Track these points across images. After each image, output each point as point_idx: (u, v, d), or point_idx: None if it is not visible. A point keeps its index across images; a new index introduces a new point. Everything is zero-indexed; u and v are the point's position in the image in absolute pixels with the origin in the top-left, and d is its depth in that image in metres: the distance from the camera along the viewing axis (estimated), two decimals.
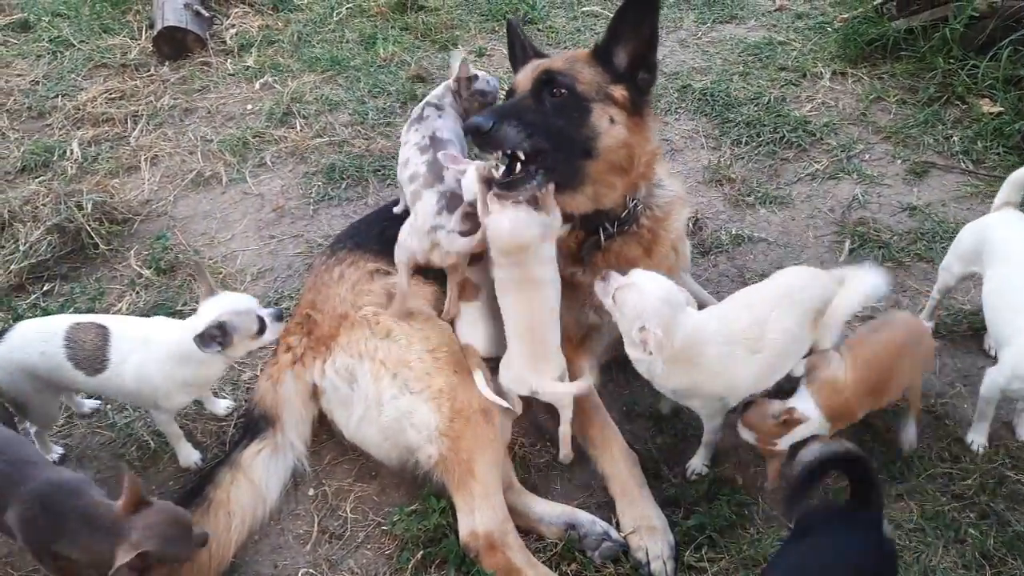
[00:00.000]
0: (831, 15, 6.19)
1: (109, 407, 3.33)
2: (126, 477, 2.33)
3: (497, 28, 6.24)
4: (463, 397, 2.81)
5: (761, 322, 2.70)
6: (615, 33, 2.90)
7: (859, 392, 2.72)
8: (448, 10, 6.52)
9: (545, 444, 3.17)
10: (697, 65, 5.75)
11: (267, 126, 5.19)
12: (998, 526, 2.74)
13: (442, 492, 2.82)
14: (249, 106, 5.43)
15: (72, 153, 4.83)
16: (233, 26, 6.36)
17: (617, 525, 2.80)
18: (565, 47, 6.03)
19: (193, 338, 2.66)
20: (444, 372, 2.86)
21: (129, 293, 3.91)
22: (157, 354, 2.80)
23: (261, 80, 5.67)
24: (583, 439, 3.05)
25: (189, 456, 3.09)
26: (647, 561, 2.66)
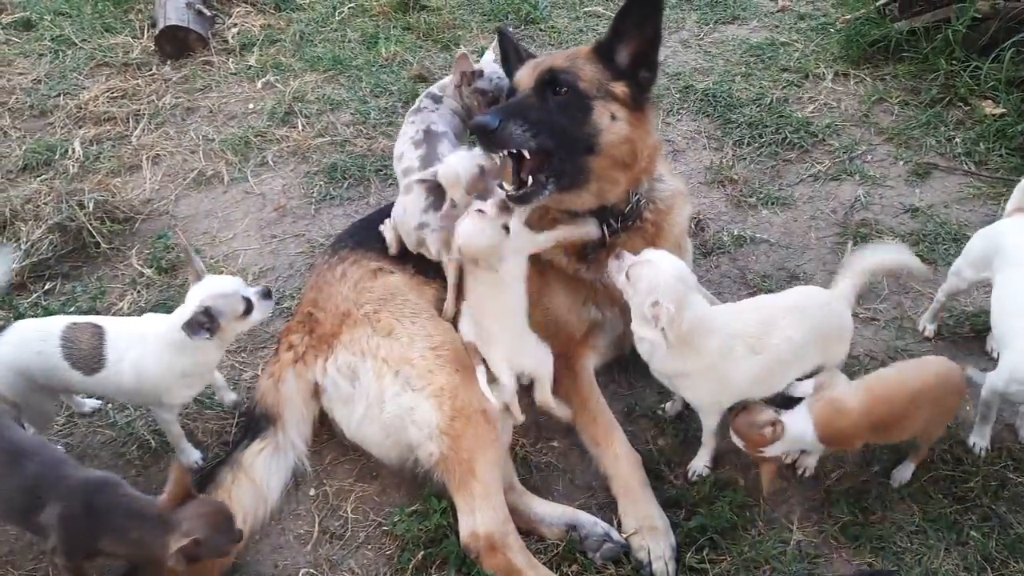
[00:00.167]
0: (833, 16, 6.18)
1: (110, 406, 3.33)
2: (174, 469, 2.36)
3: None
4: (464, 396, 2.81)
5: (768, 326, 2.72)
6: (618, 31, 2.90)
7: (862, 423, 2.65)
8: (450, 10, 6.51)
9: (546, 444, 3.18)
10: (699, 66, 5.75)
11: (269, 125, 5.18)
12: (1000, 528, 2.74)
13: (443, 492, 2.82)
14: (251, 105, 5.42)
15: (74, 152, 4.83)
16: (235, 25, 6.35)
17: (619, 525, 2.80)
18: (567, 47, 6.02)
19: (180, 327, 2.65)
20: (446, 370, 2.86)
21: (130, 292, 3.91)
22: (153, 348, 2.79)
23: (263, 79, 5.67)
24: (585, 438, 3.06)
25: (190, 456, 3.09)
26: (649, 561, 2.66)
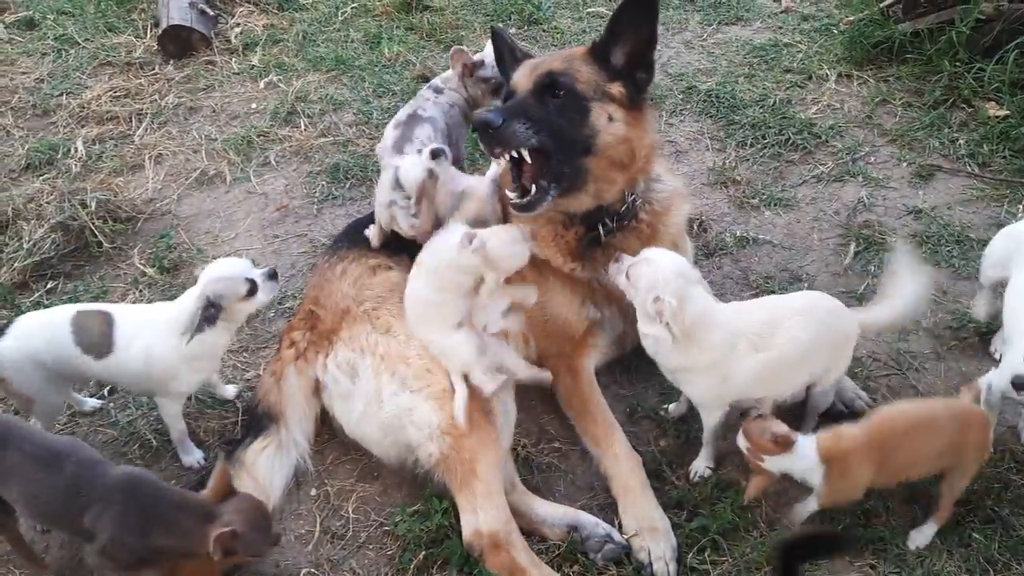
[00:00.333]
0: (837, 17, 6.17)
1: (112, 405, 3.33)
2: (218, 465, 2.40)
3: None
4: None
5: (773, 325, 2.69)
6: (614, 32, 2.90)
7: (860, 453, 2.54)
8: (453, 10, 6.52)
9: (548, 445, 3.17)
10: (702, 67, 5.74)
11: (271, 125, 5.19)
12: (1003, 531, 2.73)
13: (444, 492, 2.81)
14: (253, 105, 5.42)
15: (76, 151, 4.83)
16: (238, 25, 6.36)
17: (620, 526, 2.79)
18: (570, 48, 6.02)
19: (195, 330, 2.71)
20: (445, 371, 2.86)
21: (132, 292, 3.91)
22: (162, 332, 2.81)
23: (266, 79, 5.67)
24: (586, 439, 3.06)
25: (192, 455, 3.09)
26: (650, 562, 2.65)
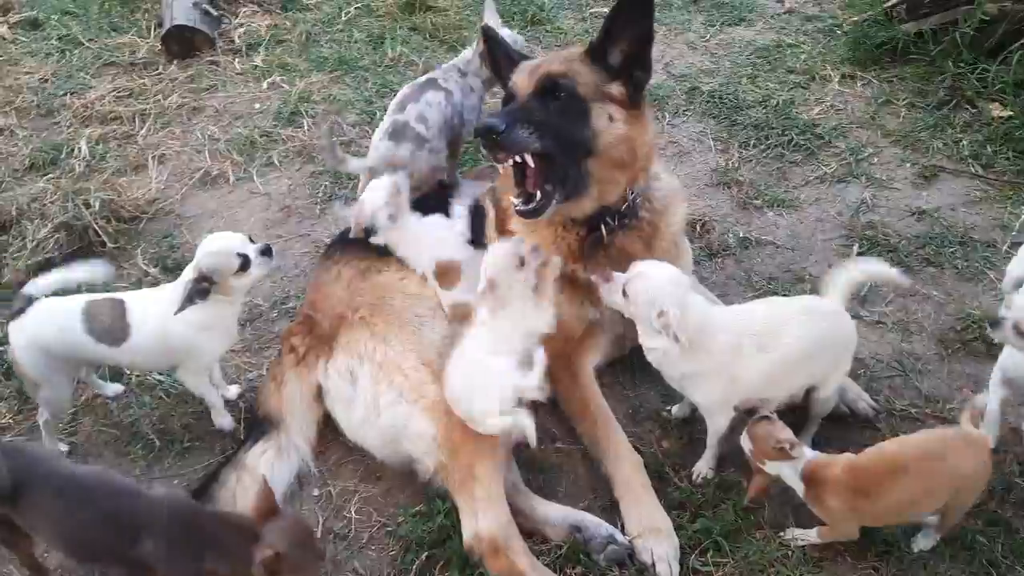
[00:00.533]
0: (840, 18, 6.17)
1: (114, 404, 3.33)
2: (261, 486, 2.40)
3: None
4: None
5: (777, 325, 2.72)
6: (610, 32, 2.90)
7: (835, 488, 2.50)
8: (456, 10, 6.51)
9: (550, 446, 3.16)
10: (705, 67, 5.74)
11: (275, 125, 5.19)
12: (1006, 533, 2.72)
13: (446, 493, 2.81)
14: (257, 105, 5.43)
15: (80, 151, 4.83)
16: (241, 25, 6.35)
17: (622, 527, 2.79)
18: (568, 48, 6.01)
19: (182, 301, 2.78)
20: (441, 382, 2.81)
21: None
22: (171, 308, 2.84)
23: (269, 79, 5.67)
24: (587, 440, 3.06)
25: (224, 418, 3.19)
26: (652, 563, 2.65)
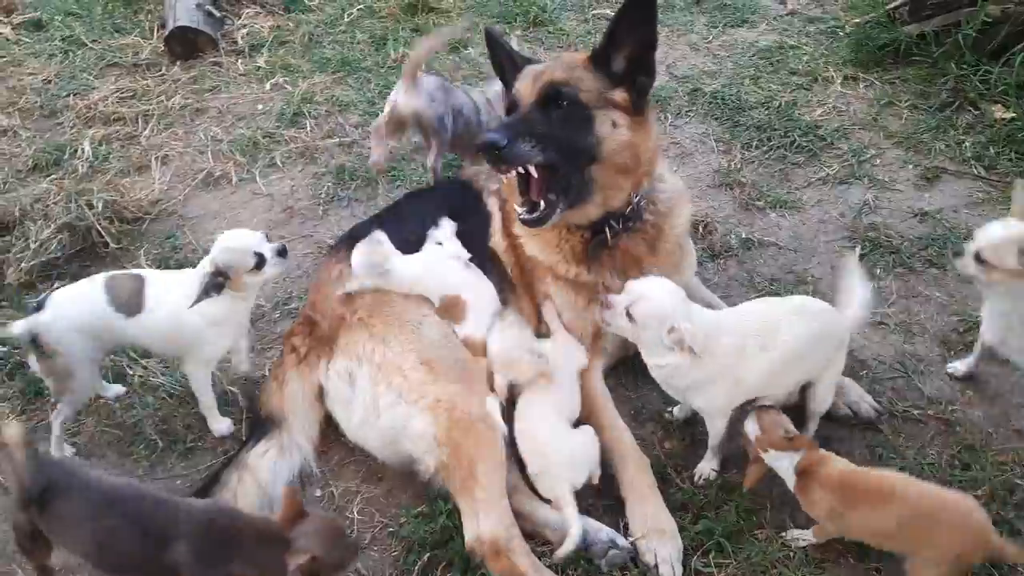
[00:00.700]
0: (843, 20, 6.17)
1: (117, 405, 3.34)
2: (286, 490, 2.43)
3: (507, 30, 6.23)
4: (462, 407, 2.79)
5: (774, 324, 2.76)
6: (614, 37, 2.89)
7: (824, 489, 2.53)
8: (459, 12, 6.53)
9: None
10: (708, 69, 5.74)
11: (277, 126, 5.20)
12: (1008, 535, 2.70)
13: (448, 495, 2.81)
14: (260, 106, 5.44)
15: (83, 152, 4.85)
16: (244, 26, 6.38)
17: (625, 529, 2.79)
18: (575, 50, 6.02)
19: (198, 294, 2.81)
20: (440, 382, 2.84)
21: None
22: (188, 295, 2.87)
23: (272, 80, 5.69)
24: None
25: (220, 423, 3.18)
26: (656, 564, 2.64)
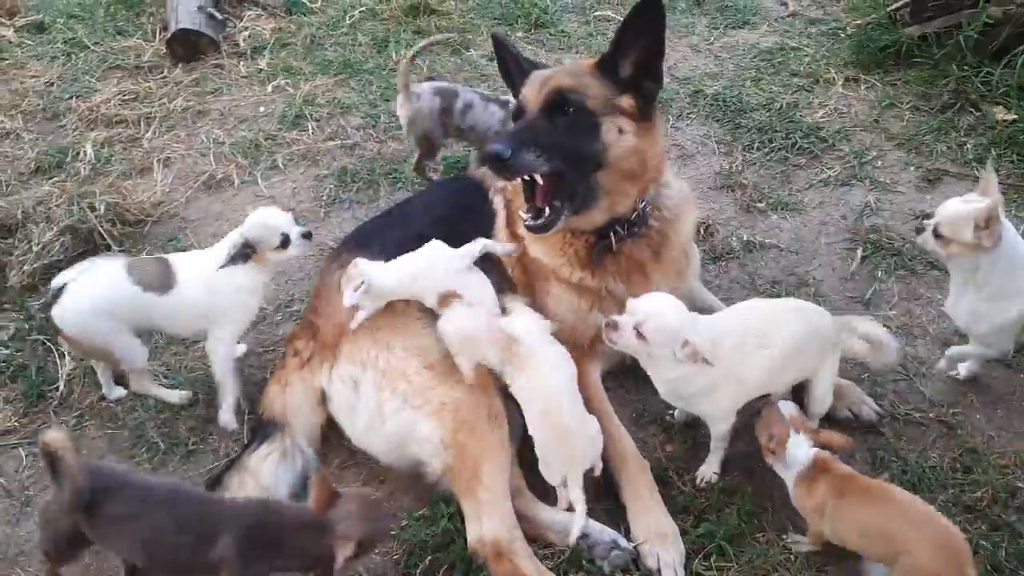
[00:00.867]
0: (844, 21, 6.17)
1: (120, 407, 3.35)
2: (316, 477, 2.46)
3: (509, 32, 6.24)
4: (468, 408, 2.78)
5: (770, 323, 2.81)
6: (621, 43, 2.89)
7: (834, 477, 2.56)
8: (460, 13, 6.53)
9: None
10: (709, 70, 5.74)
11: (279, 129, 5.20)
12: (1010, 538, 2.71)
13: (451, 496, 2.81)
14: (261, 109, 5.45)
15: (85, 154, 4.85)
16: (246, 29, 6.38)
17: (626, 532, 2.79)
18: (577, 51, 6.03)
19: (227, 259, 3.09)
20: (445, 385, 2.83)
21: None
22: (214, 263, 3.12)
23: (274, 83, 5.69)
24: None
25: (227, 417, 3.26)
26: (658, 568, 2.65)
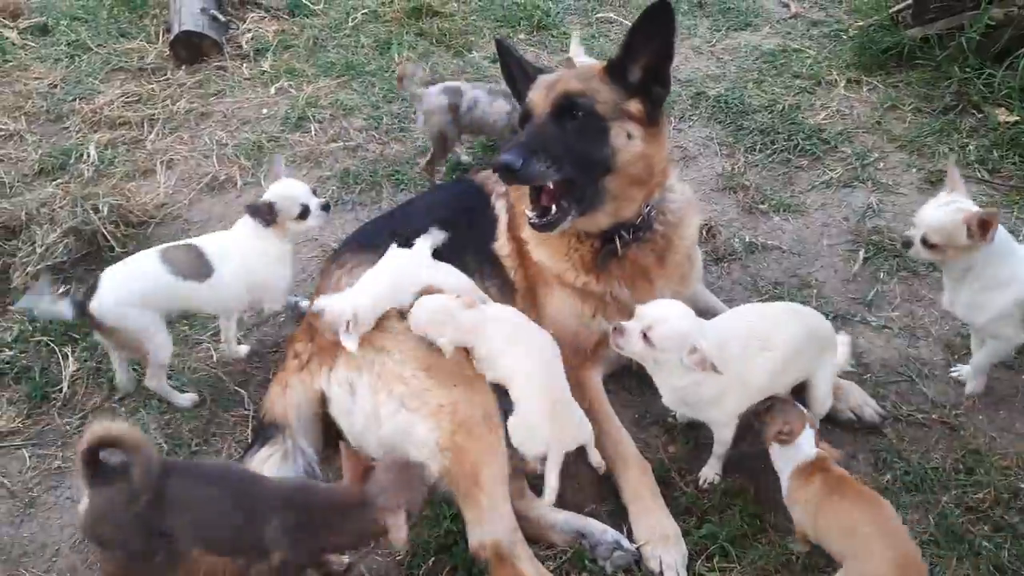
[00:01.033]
0: (846, 23, 6.17)
1: (123, 408, 3.35)
2: (346, 451, 2.48)
3: (511, 34, 6.25)
4: (465, 409, 2.77)
5: (771, 325, 2.84)
6: (630, 48, 2.89)
7: (830, 476, 2.58)
8: (463, 16, 6.54)
9: None
10: (711, 72, 5.75)
11: (282, 130, 5.22)
12: (1012, 539, 2.72)
13: (453, 499, 2.80)
14: (264, 110, 5.46)
15: (89, 156, 4.86)
16: (249, 31, 6.39)
17: (629, 533, 2.79)
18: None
19: (246, 206, 3.32)
20: (442, 387, 2.82)
21: None
22: (243, 239, 3.34)
23: (276, 85, 5.70)
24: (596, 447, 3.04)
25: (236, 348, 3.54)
26: (661, 570, 2.65)
